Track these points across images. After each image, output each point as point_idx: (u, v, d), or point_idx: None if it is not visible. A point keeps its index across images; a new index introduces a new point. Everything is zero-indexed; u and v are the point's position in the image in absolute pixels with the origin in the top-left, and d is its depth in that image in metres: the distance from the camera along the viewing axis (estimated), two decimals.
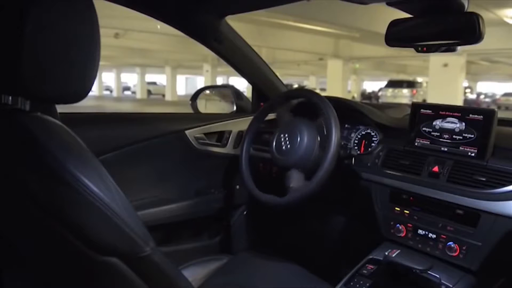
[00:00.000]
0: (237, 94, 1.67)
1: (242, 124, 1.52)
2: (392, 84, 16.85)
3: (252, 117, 1.34)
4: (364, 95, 23.52)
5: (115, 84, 25.96)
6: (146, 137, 1.34)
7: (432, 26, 0.99)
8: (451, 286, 0.98)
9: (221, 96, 1.74)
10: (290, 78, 28.88)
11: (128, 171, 1.29)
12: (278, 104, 1.34)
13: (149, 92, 24.52)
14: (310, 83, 26.65)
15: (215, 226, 1.57)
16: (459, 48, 0.95)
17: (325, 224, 1.62)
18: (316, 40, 12.31)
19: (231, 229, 1.60)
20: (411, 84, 16.40)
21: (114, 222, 0.54)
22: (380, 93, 18.06)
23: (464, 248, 0.99)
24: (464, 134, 1.05)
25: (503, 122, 1.11)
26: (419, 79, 17.80)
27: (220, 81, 20.54)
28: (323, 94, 1.21)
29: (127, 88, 29.38)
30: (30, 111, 0.58)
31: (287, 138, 1.17)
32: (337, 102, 1.15)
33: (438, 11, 0.95)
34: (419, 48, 0.98)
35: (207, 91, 1.75)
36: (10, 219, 0.56)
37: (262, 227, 1.65)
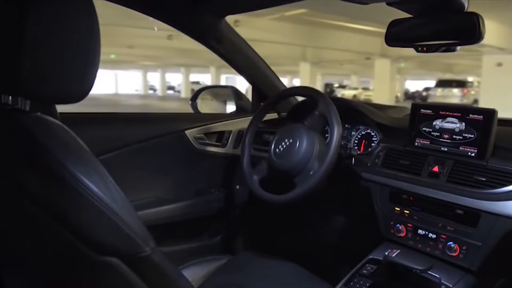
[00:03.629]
0: (237, 94, 1.67)
1: (242, 124, 1.52)
2: (442, 83, 16.46)
3: (252, 117, 1.34)
4: (408, 94, 22.53)
5: (159, 84, 27.40)
6: (146, 137, 1.34)
7: (432, 26, 0.99)
8: (451, 286, 0.98)
9: (221, 96, 1.74)
10: (331, 77, 28.33)
11: (128, 171, 1.29)
12: (277, 102, 1.34)
13: (193, 91, 25.13)
14: (352, 82, 26.37)
15: (215, 226, 1.57)
16: (458, 48, 0.95)
17: (325, 224, 1.62)
18: (364, 39, 12.18)
19: (231, 229, 1.60)
20: (461, 84, 15.99)
21: (114, 222, 0.54)
22: (428, 93, 17.43)
23: (464, 248, 0.99)
24: (464, 134, 1.05)
25: (503, 122, 1.11)
26: (470, 79, 17.36)
27: None
28: (366, 93, 1.20)
29: (171, 88, 30.51)
30: (30, 111, 0.58)
31: (286, 143, 1.17)
32: (337, 102, 1.15)
33: (438, 11, 0.95)
34: (419, 48, 0.98)
35: (207, 91, 1.75)
36: (10, 219, 0.56)
37: (262, 227, 1.65)
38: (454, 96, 15.18)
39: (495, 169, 0.98)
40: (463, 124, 1.05)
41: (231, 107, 1.69)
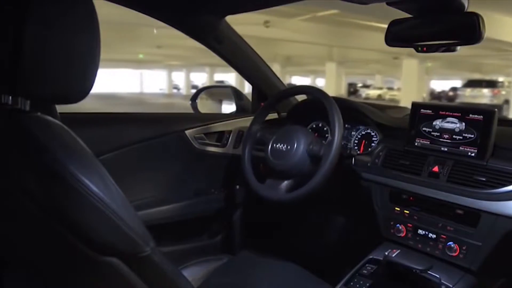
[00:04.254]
0: (237, 94, 1.67)
1: (242, 124, 1.52)
2: (471, 83, 15.92)
3: (252, 117, 1.34)
4: (433, 94, 21.31)
5: (184, 83, 28.04)
6: (146, 137, 1.34)
7: (432, 26, 0.99)
8: (451, 286, 0.98)
9: (221, 96, 1.74)
10: (354, 76, 27.59)
11: (128, 171, 1.29)
12: (277, 102, 1.34)
13: None
14: (376, 82, 25.96)
15: (215, 226, 1.57)
16: (458, 48, 0.95)
17: (325, 224, 1.62)
18: None
19: (231, 229, 1.60)
20: (491, 84, 15.45)
21: (114, 222, 0.54)
22: (456, 93, 16.92)
23: (464, 248, 0.99)
24: (464, 134, 1.05)
25: (503, 122, 1.11)
26: (500, 79, 16.89)
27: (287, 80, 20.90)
28: (391, 93, 1.19)
29: (195, 87, 30.82)
30: (30, 111, 0.58)
31: (284, 146, 1.18)
32: (337, 102, 1.15)
33: (438, 11, 0.95)
34: (419, 48, 0.98)
35: (208, 91, 1.75)
36: (10, 219, 0.56)
37: (262, 227, 1.65)
38: (484, 96, 14.63)
39: (495, 169, 0.98)
40: (463, 124, 1.05)
41: (230, 107, 1.69)
